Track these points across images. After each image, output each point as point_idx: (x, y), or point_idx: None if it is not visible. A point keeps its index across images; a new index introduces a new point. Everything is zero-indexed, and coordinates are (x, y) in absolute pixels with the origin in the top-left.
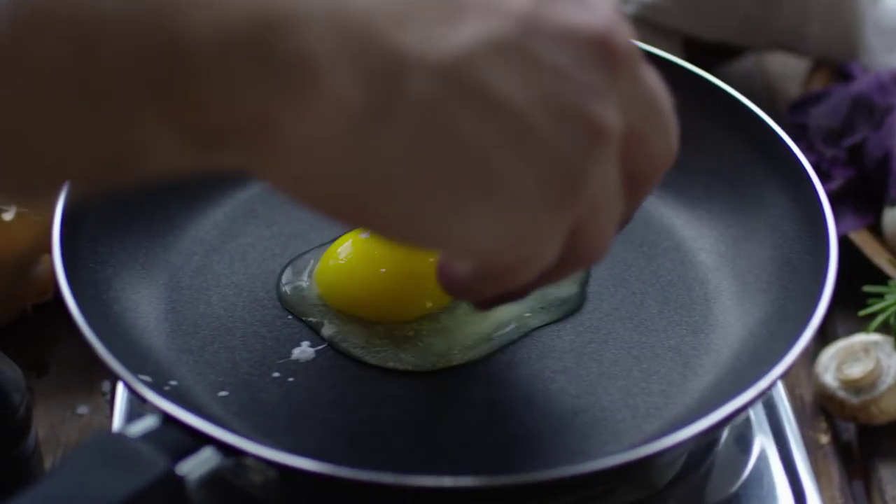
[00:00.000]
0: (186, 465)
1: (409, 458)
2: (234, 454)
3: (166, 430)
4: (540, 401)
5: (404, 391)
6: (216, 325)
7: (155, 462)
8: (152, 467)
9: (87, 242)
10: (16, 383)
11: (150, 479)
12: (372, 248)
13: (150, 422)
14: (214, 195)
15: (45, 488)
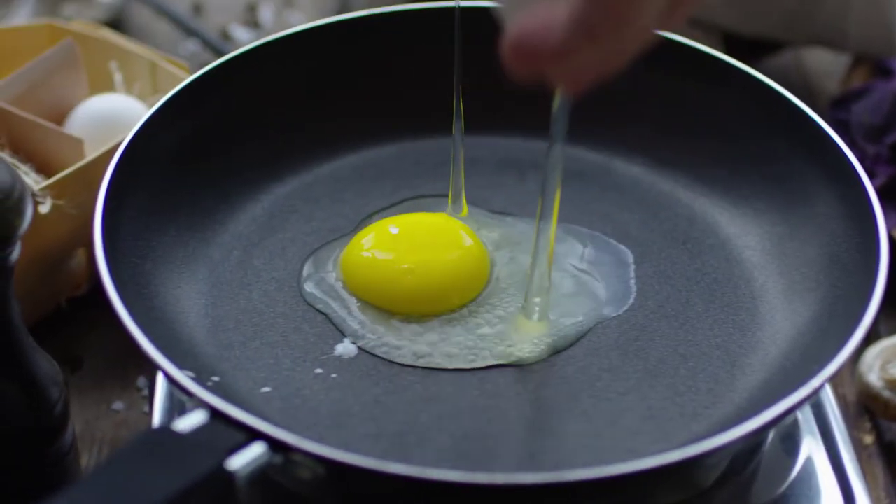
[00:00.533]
0: (236, 462)
1: (456, 456)
2: (285, 450)
3: (214, 426)
4: (586, 398)
5: (451, 388)
6: (257, 321)
7: (205, 458)
8: (202, 463)
9: (128, 237)
10: (53, 378)
11: (200, 476)
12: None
13: (199, 417)
14: (251, 190)
15: (95, 483)
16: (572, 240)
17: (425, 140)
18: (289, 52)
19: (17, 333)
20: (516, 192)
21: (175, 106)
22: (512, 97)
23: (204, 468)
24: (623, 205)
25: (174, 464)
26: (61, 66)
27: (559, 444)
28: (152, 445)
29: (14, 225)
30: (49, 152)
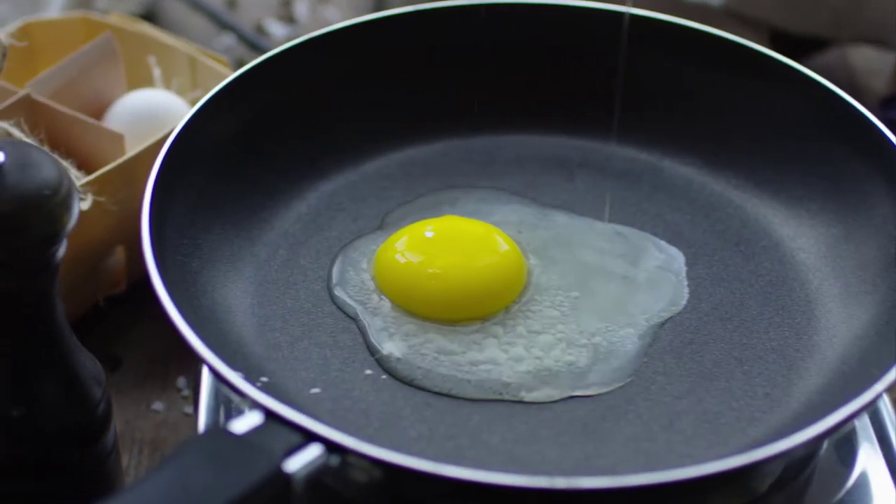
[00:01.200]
0: (293, 463)
1: (508, 459)
2: (342, 452)
3: (270, 428)
4: (641, 401)
5: None
6: (305, 321)
7: (262, 460)
8: (260, 465)
9: (174, 235)
10: (97, 377)
11: (259, 478)
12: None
13: (254, 419)
14: (296, 187)
15: (153, 485)
16: (622, 241)
17: (473, 138)
18: (334, 49)
19: (62, 332)
20: (564, 191)
21: (220, 102)
22: (559, 95)
23: (262, 470)
24: (674, 205)
25: (232, 465)
26: (100, 61)
27: (613, 448)
28: (208, 446)
29: (62, 221)
30: (89, 148)
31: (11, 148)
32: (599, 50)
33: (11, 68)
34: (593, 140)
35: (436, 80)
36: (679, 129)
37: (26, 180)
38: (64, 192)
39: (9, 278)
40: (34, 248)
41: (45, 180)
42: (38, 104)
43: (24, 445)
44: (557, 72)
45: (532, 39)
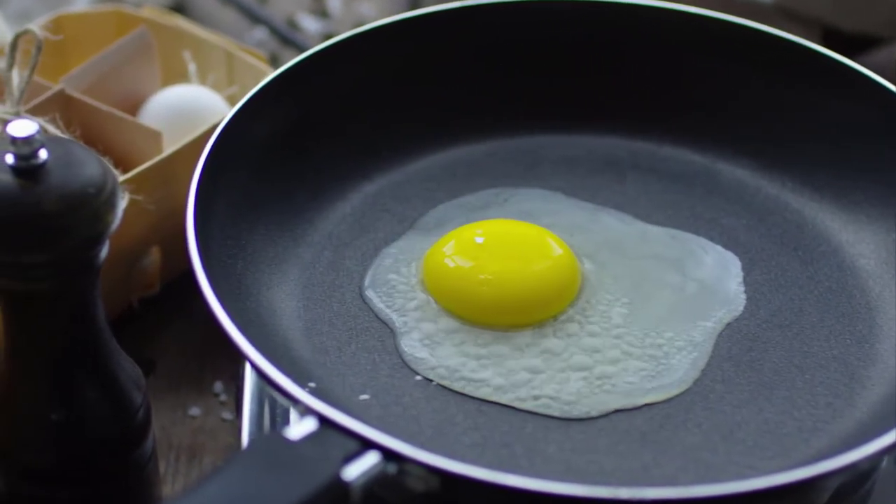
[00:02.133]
0: (351, 471)
1: (565, 468)
2: (400, 460)
3: (326, 434)
4: (699, 410)
5: None
6: (352, 325)
7: (321, 467)
8: (319, 473)
9: (218, 236)
10: (136, 381)
11: (318, 486)
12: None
13: (308, 425)
14: (340, 188)
15: (209, 491)
16: (677, 245)
17: (518, 138)
18: (379, 46)
19: (103, 335)
20: (615, 194)
21: (263, 99)
22: (608, 94)
23: (321, 478)
24: (729, 209)
25: (290, 473)
26: (135, 56)
27: (672, 458)
28: (265, 453)
29: (106, 221)
30: (125, 145)
31: (54, 145)
32: (651, 48)
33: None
34: (644, 141)
35: (481, 79)
36: (733, 131)
37: (70, 178)
38: (109, 190)
39: (51, 279)
40: (78, 248)
41: (89, 178)
42: (72, 100)
43: (63, 452)
44: (607, 71)
45: (580, 37)
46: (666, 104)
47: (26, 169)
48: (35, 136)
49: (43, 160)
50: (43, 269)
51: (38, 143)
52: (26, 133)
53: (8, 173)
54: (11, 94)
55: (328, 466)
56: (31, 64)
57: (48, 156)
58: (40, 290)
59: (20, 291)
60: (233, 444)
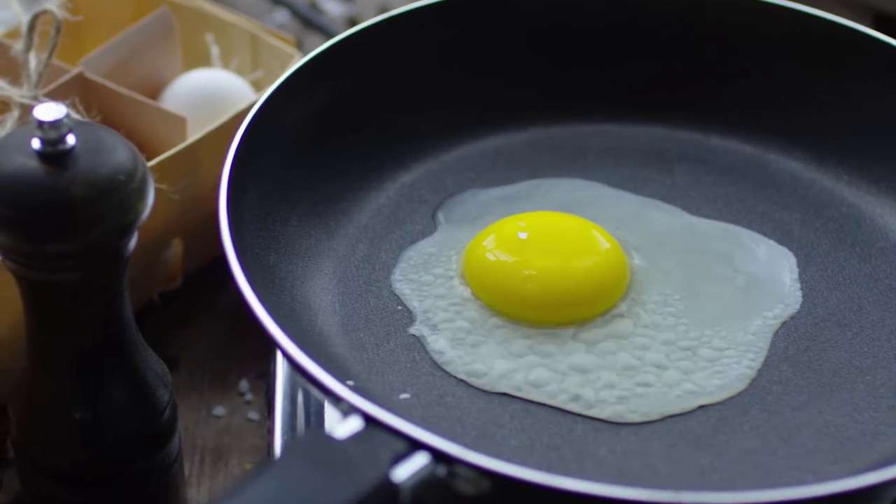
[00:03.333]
0: (400, 473)
1: (617, 472)
2: (451, 462)
3: (373, 434)
4: (756, 412)
5: None
6: (389, 321)
7: (370, 468)
8: (368, 474)
9: (251, 227)
10: (163, 378)
11: (367, 487)
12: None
13: (354, 424)
14: (375, 178)
15: (256, 491)
16: (729, 240)
17: (560, 127)
18: (417, 28)
19: (129, 329)
20: (662, 186)
21: (296, 84)
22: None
23: (370, 479)
24: (781, 202)
25: (338, 473)
26: (157, 38)
27: (729, 462)
28: (311, 452)
29: (136, 209)
30: (147, 131)
31: (82, 129)
32: (698, 35)
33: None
34: (691, 131)
35: (523, 64)
36: (784, 121)
37: (99, 164)
38: (139, 177)
39: (78, 270)
40: (106, 238)
41: (119, 164)
42: (91, 83)
43: (85, 451)
44: (653, 58)
45: (625, 23)
46: (714, 93)
47: (53, 154)
48: (63, 120)
49: (71, 145)
50: (69, 260)
51: (66, 127)
52: (54, 117)
53: (34, 159)
54: (29, 78)
55: (377, 467)
56: (49, 46)
57: (76, 141)
58: (66, 282)
59: (45, 283)
60: (260, 445)
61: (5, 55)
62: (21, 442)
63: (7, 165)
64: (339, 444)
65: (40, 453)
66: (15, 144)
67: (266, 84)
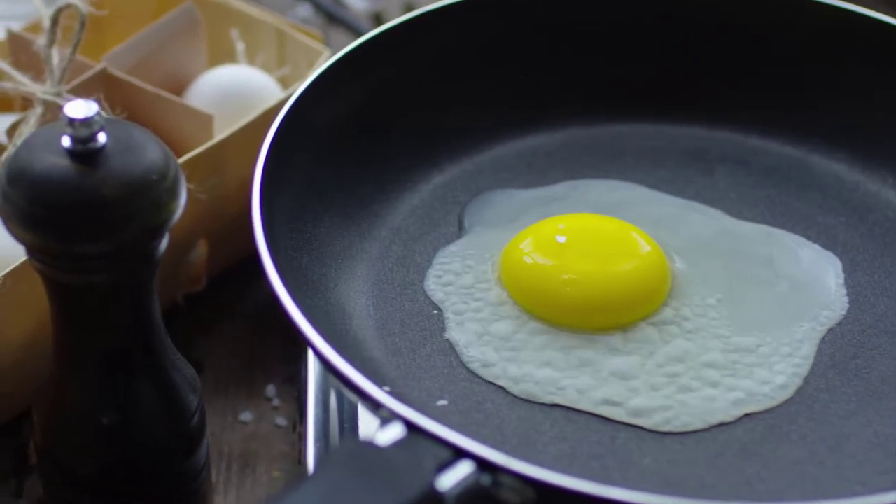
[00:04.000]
0: (445, 481)
1: (662, 481)
2: (496, 471)
3: (415, 442)
4: (803, 421)
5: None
6: (425, 325)
7: (414, 476)
8: (413, 482)
9: (283, 228)
10: (192, 383)
11: (412, 495)
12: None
13: (396, 431)
14: (408, 178)
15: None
16: (772, 244)
17: (598, 126)
18: (451, 24)
19: (158, 333)
20: (703, 188)
21: (327, 83)
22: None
23: (415, 488)
24: (825, 206)
25: (383, 480)
26: (181, 34)
27: (777, 472)
28: (355, 459)
29: (169, 209)
30: (172, 129)
31: (113, 127)
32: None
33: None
34: (732, 132)
35: (560, 62)
36: (827, 121)
37: (131, 163)
38: (172, 177)
39: (108, 272)
40: (138, 238)
41: (151, 163)
42: (115, 79)
43: (112, 458)
44: (692, 56)
45: (664, 21)
46: (755, 92)
47: (84, 153)
48: (94, 118)
49: (102, 143)
50: (100, 261)
51: (98, 124)
52: (85, 114)
53: (64, 157)
54: (52, 73)
55: (422, 475)
56: (73, 41)
57: (107, 139)
58: (96, 284)
59: (74, 284)
60: (288, 452)
61: (27, 50)
62: (46, 447)
63: (37, 164)
64: (381, 451)
65: (66, 459)
66: (44, 142)
67: (293, 81)
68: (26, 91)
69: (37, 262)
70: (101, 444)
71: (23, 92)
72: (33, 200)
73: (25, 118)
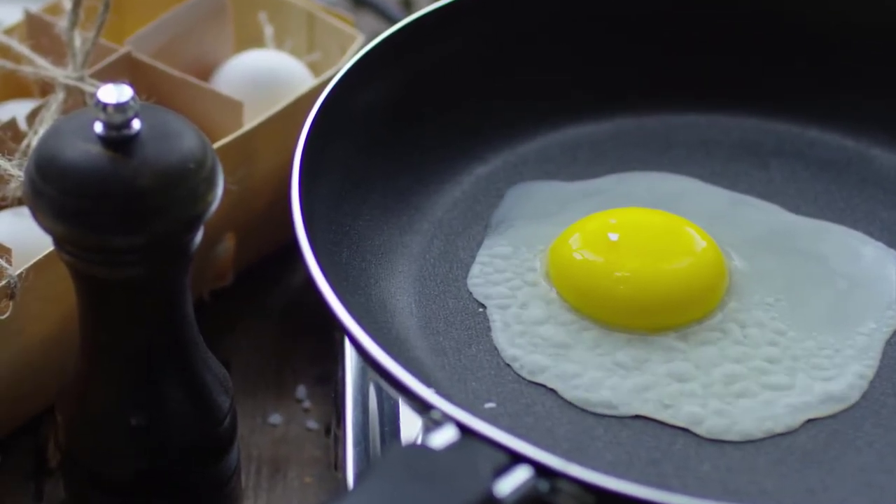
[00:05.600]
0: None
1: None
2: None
3: (469, 445)
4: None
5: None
6: (470, 324)
7: (472, 481)
8: (471, 487)
9: (322, 221)
10: (224, 383)
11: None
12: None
13: (448, 434)
14: (449, 170)
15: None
16: (832, 241)
17: (647, 117)
18: (495, 8)
19: (191, 330)
20: (758, 182)
21: (365, 70)
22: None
23: (473, 492)
24: (887, 201)
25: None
26: (207, 17)
27: (841, 480)
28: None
29: (206, 200)
30: (199, 116)
31: (148, 114)
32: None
33: None
34: (788, 123)
35: (609, 50)
36: (889, 113)
37: (167, 152)
38: (209, 166)
39: (141, 266)
40: (173, 231)
41: (188, 152)
42: (140, 64)
43: (140, 460)
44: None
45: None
46: (813, 82)
47: (118, 140)
48: (129, 103)
49: (136, 130)
50: (133, 255)
51: (133, 110)
52: (119, 99)
53: (97, 144)
54: (74, 57)
55: (479, 480)
56: (97, 23)
57: (142, 125)
58: (128, 278)
59: (105, 279)
60: (320, 457)
61: (48, 33)
62: (70, 449)
63: (68, 151)
64: (437, 454)
65: (92, 462)
66: (75, 128)
67: (324, 67)
68: (47, 76)
69: (65, 254)
70: (128, 447)
71: (43, 76)
72: (64, 190)
73: (46, 104)
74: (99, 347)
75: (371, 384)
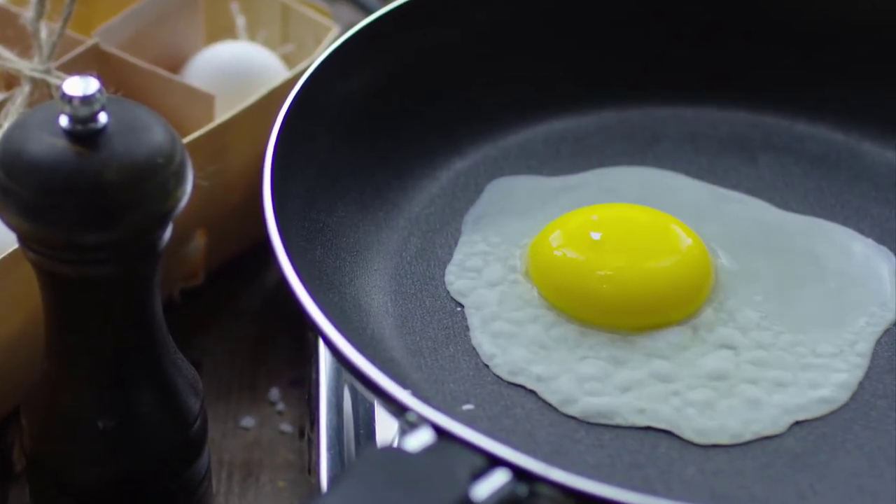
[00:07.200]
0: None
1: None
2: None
3: (446, 448)
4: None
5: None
6: (448, 323)
7: (448, 485)
8: (447, 491)
9: (294, 218)
10: (193, 385)
11: None
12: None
13: (424, 437)
14: (426, 164)
15: None
16: (821, 238)
17: (632, 110)
18: None
19: (160, 331)
20: (746, 177)
21: (340, 61)
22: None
23: (450, 497)
24: (878, 197)
25: (415, 490)
26: (177, 7)
27: (832, 484)
28: (384, 467)
29: (175, 196)
30: (169, 110)
31: (115, 107)
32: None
33: None
34: (776, 117)
35: (593, 40)
36: (880, 106)
37: (135, 146)
38: (178, 160)
39: (109, 264)
40: (142, 228)
41: (157, 146)
42: (108, 56)
43: (109, 465)
44: (734, 36)
45: None
46: (802, 75)
47: (84, 133)
48: (95, 96)
49: (103, 124)
50: (100, 252)
51: (99, 103)
52: (86, 92)
53: (62, 138)
54: (40, 49)
55: (455, 484)
56: (63, 14)
57: (108, 119)
58: (95, 277)
59: (71, 277)
60: (293, 460)
61: (13, 24)
62: (35, 453)
63: (32, 145)
64: (412, 457)
65: (59, 467)
66: (40, 122)
67: (299, 59)
68: (12, 68)
69: (31, 252)
70: (96, 451)
71: (8, 69)
72: (29, 185)
73: (11, 97)
74: (65, 349)
75: (346, 386)
